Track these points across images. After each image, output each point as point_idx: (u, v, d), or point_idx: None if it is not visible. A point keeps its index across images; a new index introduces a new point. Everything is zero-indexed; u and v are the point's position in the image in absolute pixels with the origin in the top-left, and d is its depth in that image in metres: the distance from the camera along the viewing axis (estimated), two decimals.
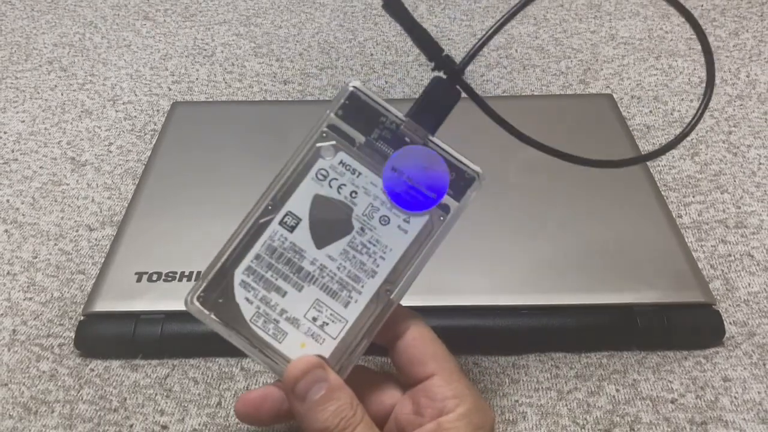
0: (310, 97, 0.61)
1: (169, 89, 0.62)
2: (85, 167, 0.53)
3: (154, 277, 0.39)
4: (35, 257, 0.45)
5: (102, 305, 0.38)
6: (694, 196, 0.49)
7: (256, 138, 0.50)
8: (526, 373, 0.38)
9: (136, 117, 0.59)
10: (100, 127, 0.58)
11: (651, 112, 0.57)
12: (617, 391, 0.36)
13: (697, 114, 0.32)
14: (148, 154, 0.51)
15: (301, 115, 0.52)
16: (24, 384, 0.38)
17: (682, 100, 0.58)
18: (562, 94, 0.60)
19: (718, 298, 0.41)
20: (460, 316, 0.38)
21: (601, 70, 0.63)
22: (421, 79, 0.63)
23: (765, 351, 0.38)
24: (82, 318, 0.39)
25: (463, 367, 0.38)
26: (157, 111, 0.59)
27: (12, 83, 0.63)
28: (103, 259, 0.42)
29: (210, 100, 0.61)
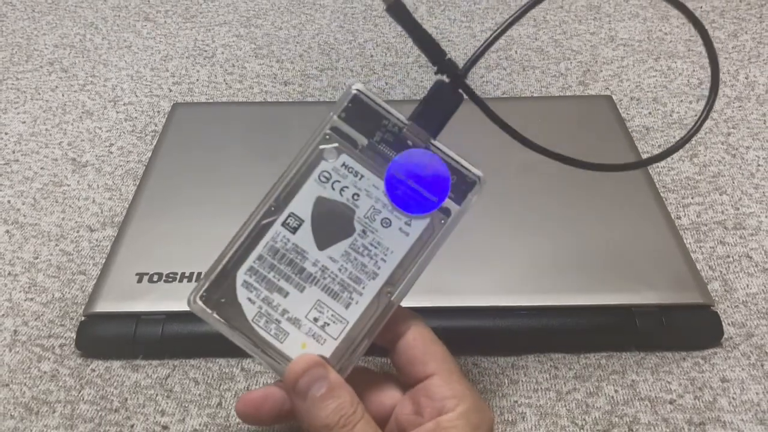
0: (310, 99, 0.61)
1: (170, 90, 0.62)
2: (85, 168, 0.53)
3: (155, 277, 0.40)
4: (36, 258, 0.46)
5: (103, 306, 0.39)
6: (692, 198, 0.49)
7: (256, 139, 0.50)
8: (526, 374, 0.38)
9: (136, 118, 0.59)
10: (100, 128, 0.58)
11: (650, 113, 0.57)
12: (616, 391, 0.37)
13: (699, 119, 0.32)
14: (149, 155, 0.51)
15: (301, 116, 0.52)
16: (25, 384, 0.38)
17: (681, 101, 0.59)
18: (562, 96, 0.60)
19: (717, 299, 0.42)
20: (460, 316, 0.38)
21: (601, 71, 0.63)
22: (421, 81, 0.63)
23: (763, 352, 0.38)
24: (83, 318, 0.39)
25: (463, 368, 0.38)
26: (158, 112, 0.60)
27: (13, 84, 0.64)
28: (104, 260, 0.42)
29: (210, 101, 0.61)
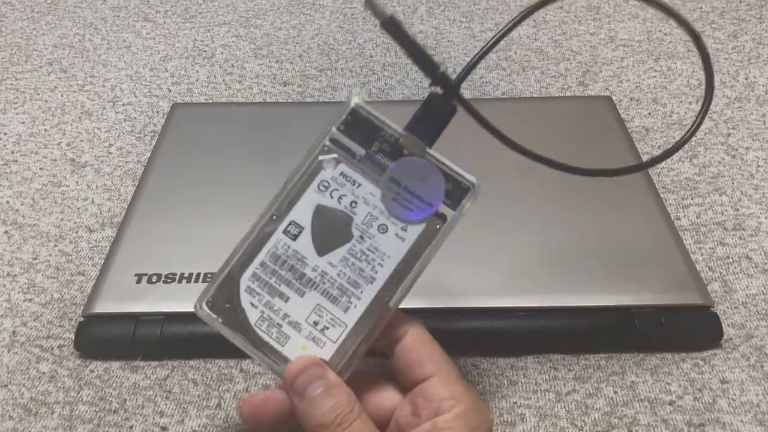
0: (309, 99, 0.61)
1: (169, 90, 0.62)
2: (84, 168, 0.53)
3: (154, 278, 0.40)
4: (35, 258, 0.45)
5: (102, 306, 0.39)
6: (692, 199, 0.49)
7: (255, 139, 0.50)
8: (525, 375, 0.38)
9: (135, 118, 0.59)
10: (99, 129, 0.58)
11: (650, 114, 0.57)
12: (615, 392, 0.37)
13: (695, 123, 0.32)
14: (148, 155, 0.51)
15: (300, 117, 0.52)
16: (24, 385, 0.38)
17: (681, 102, 0.58)
18: (561, 96, 0.60)
19: (716, 300, 0.42)
20: (459, 317, 0.38)
21: (600, 72, 0.63)
22: (420, 81, 0.63)
23: (763, 353, 0.38)
24: (81, 319, 0.39)
25: (462, 369, 0.38)
26: (157, 112, 0.60)
27: (12, 84, 0.64)
28: (102, 261, 0.42)
29: (210, 101, 0.61)
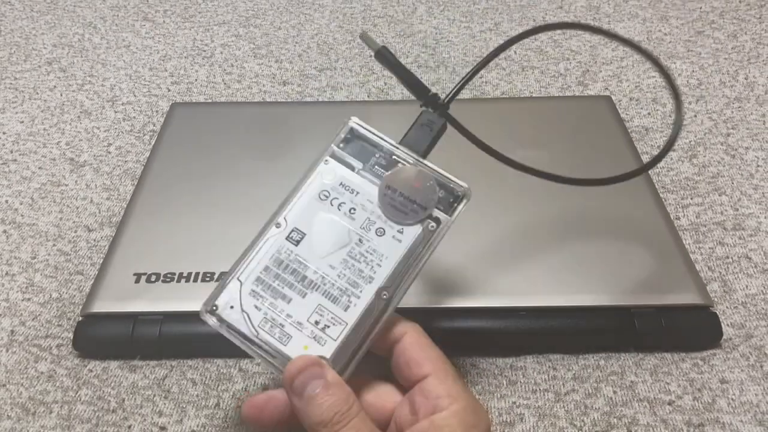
0: (309, 99, 0.61)
1: (168, 90, 0.62)
2: (83, 168, 0.53)
3: (153, 278, 0.40)
4: (34, 258, 0.45)
5: (100, 306, 0.38)
6: (692, 198, 0.49)
7: (255, 139, 0.50)
8: (524, 375, 0.38)
9: (135, 118, 0.59)
10: (99, 128, 0.58)
11: (649, 114, 0.57)
12: (614, 392, 0.37)
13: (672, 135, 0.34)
14: (147, 155, 0.51)
15: (300, 117, 0.52)
16: (22, 385, 0.38)
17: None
18: (561, 96, 0.60)
19: (716, 300, 0.42)
20: (459, 317, 0.38)
21: (600, 72, 0.63)
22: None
23: (762, 353, 0.38)
24: (80, 319, 0.39)
25: (461, 369, 0.38)
26: (156, 112, 0.59)
27: (11, 84, 0.64)
28: (101, 260, 0.42)
29: (209, 101, 0.61)
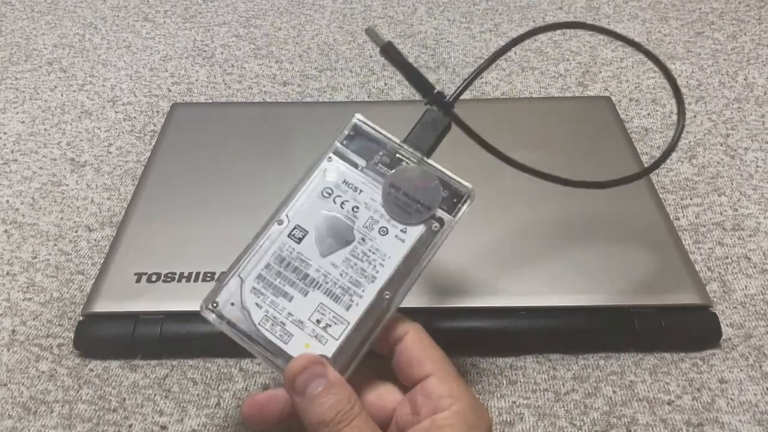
0: (309, 99, 0.61)
1: (169, 90, 0.62)
2: (84, 168, 0.53)
3: (153, 277, 0.40)
4: (35, 258, 0.46)
5: (101, 306, 0.39)
6: (691, 199, 0.49)
7: (255, 139, 0.50)
8: (524, 375, 0.38)
9: (135, 118, 0.59)
10: (99, 128, 0.58)
11: (649, 114, 0.58)
12: (614, 392, 0.37)
13: (676, 134, 0.34)
14: (148, 155, 0.51)
15: (300, 117, 0.52)
16: (23, 384, 0.38)
17: None
18: (561, 97, 0.60)
19: (715, 300, 0.42)
20: (459, 317, 0.38)
21: (600, 72, 0.63)
22: None
23: (761, 353, 0.38)
24: (81, 318, 0.39)
25: (461, 369, 0.38)
26: (157, 112, 0.60)
27: (12, 84, 0.64)
28: (102, 260, 0.42)
29: (209, 101, 0.61)
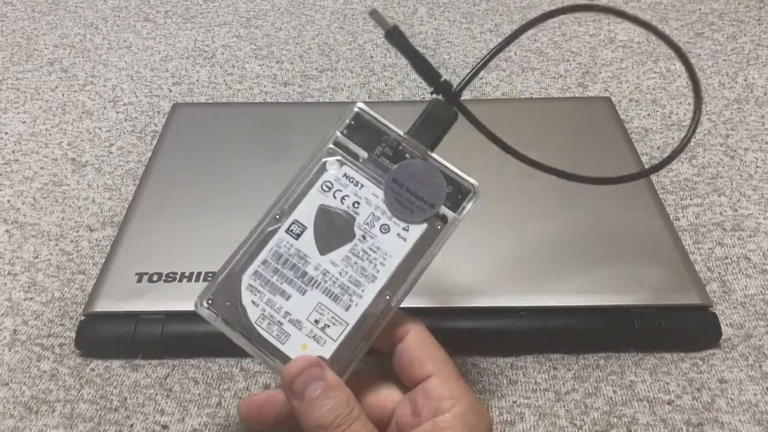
0: (310, 99, 0.61)
1: (170, 90, 0.63)
2: (85, 168, 0.53)
3: (155, 277, 0.40)
4: (36, 257, 0.46)
5: (102, 305, 0.39)
6: (691, 199, 0.49)
7: (256, 139, 0.50)
8: (524, 374, 0.38)
9: (136, 118, 0.59)
10: (100, 128, 0.58)
11: (649, 115, 0.58)
12: (614, 392, 0.37)
13: (691, 127, 0.33)
14: (149, 155, 0.51)
15: (301, 117, 0.52)
16: (25, 383, 0.38)
17: (680, 103, 0.59)
18: (561, 97, 0.60)
19: (715, 300, 0.42)
20: (459, 317, 0.38)
21: (600, 73, 0.63)
22: (420, 82, 0.63)
23: (761, 353, 0.39)
24: (82, 318, 0.39)
25: (462, 368, 0.38)
26: (158, 112, 0.60)
27: (13, 84, 0.64)
28: (103, 260, 0.42)
29: (210, 101, 0.61)
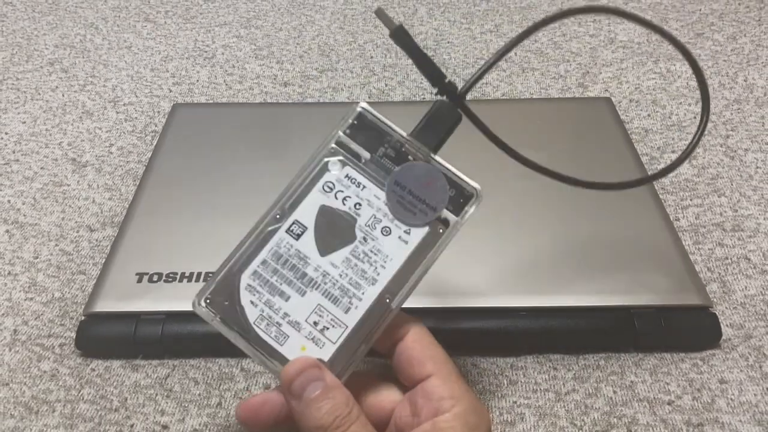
0: (310, 99, 0.61)
1: (170, 91, 0.63)
2: (85, 168, 0.53)
3: (155, 277, 0.40)
4: (36, 257, 0.46)
5: (103, 305, 0.39)
6: (691, 200, 0.49)
7: (256, 140, 0.50)
8: (525, 375, 0.38)
9: (136, 118, 0.59)
10: (100, 129, 0.58)
11: (649, 115, 0.58)
12: (614, 392, 0.37)
13: (696, 135, 0.33)
14: (149, 155, 0.51)
15: (301, 117, 0.52)
16: (25, 384, 0.38)
17: (680, 104, 0.59)
18: (561, 98, 0.60)
19: (715, 300, 0.42)
20: (459, 317, 0.38)
21: (600, 73, 0.63)
22: (420, 82, 0.63)
23: (761, 353, 0.39)
24: (82, 318, 0.39)
25: (462, 369, 0.38)
26: (158, 112, 0.60)
27: (13, 84, 0.64)
28: (103, 260, 0.42)
29: (210, 101, 0.61)
